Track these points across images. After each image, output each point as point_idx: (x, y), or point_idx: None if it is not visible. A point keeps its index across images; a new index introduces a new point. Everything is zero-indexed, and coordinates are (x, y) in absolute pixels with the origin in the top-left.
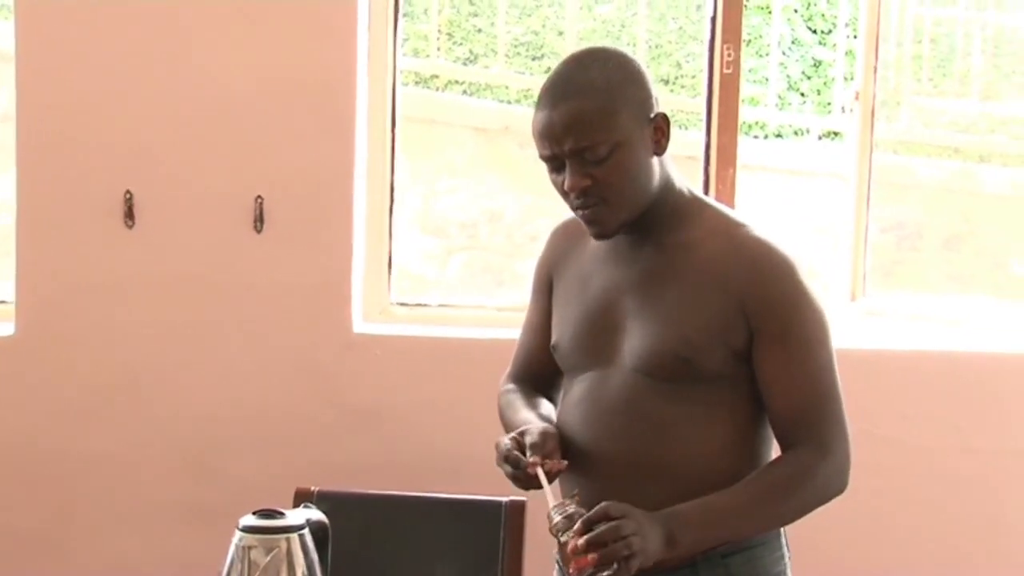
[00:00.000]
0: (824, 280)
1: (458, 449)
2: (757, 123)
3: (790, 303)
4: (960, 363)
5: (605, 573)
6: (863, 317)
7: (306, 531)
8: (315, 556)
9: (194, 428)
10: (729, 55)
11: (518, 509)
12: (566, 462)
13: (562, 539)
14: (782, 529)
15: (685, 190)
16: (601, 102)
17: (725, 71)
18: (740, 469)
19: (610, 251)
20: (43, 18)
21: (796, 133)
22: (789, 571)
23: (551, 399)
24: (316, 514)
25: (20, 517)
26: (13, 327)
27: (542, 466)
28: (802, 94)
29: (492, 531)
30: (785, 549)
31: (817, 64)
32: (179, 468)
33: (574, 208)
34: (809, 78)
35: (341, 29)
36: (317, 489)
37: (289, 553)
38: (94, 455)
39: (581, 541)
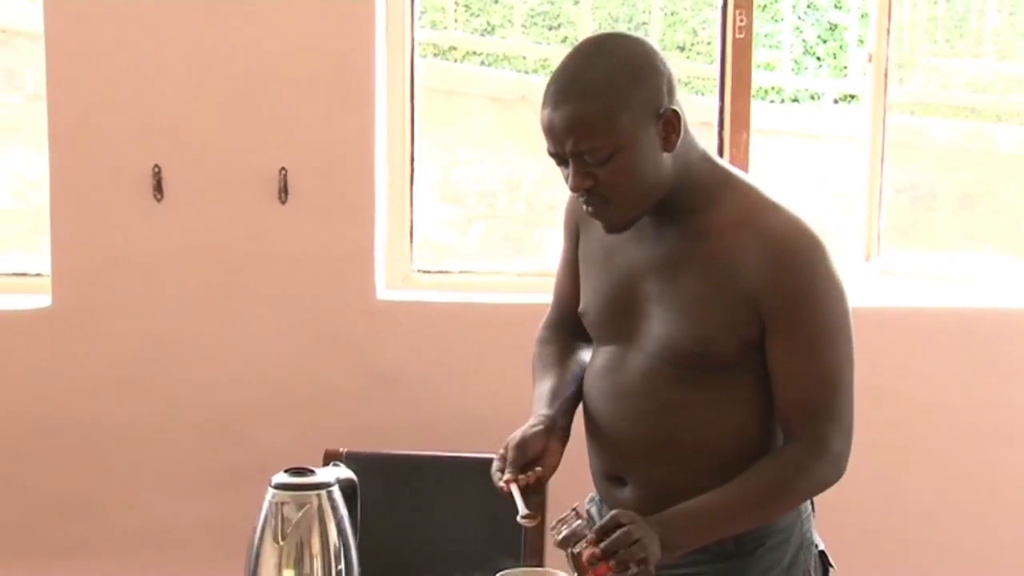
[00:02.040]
0: (839, 241)
1: (479, 411)
2: (774, 88)
3: (802, 298)
4: (970, 319)
5: None
6: (877, 277)
7: (336, 488)
8: (345, 512)
9: (224, 395)
10: (741, 21)
11: (539, 486)
12: (540, 469)
13: (575, 551)
14: None
15: (708, 168)
16: (600, 106)
17: (738, 36)
18: (752, 451)
19: (634, 228)
20: None
21: (813, 97)
22: (809, 526)
23: (588, 339)
24: (345, 472)
25: (58, 481)
26: (50, 299)
27: (516, 482)
28: (818, 58)
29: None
30: (806, 506)
31: (833, 28)
32: (210, 433)
33: (581, 203)
34: (825, 42)
35: (359, 3)
36: (345, 450)
37: (320, 509)
38: (129, 421)
39: (598, 550)
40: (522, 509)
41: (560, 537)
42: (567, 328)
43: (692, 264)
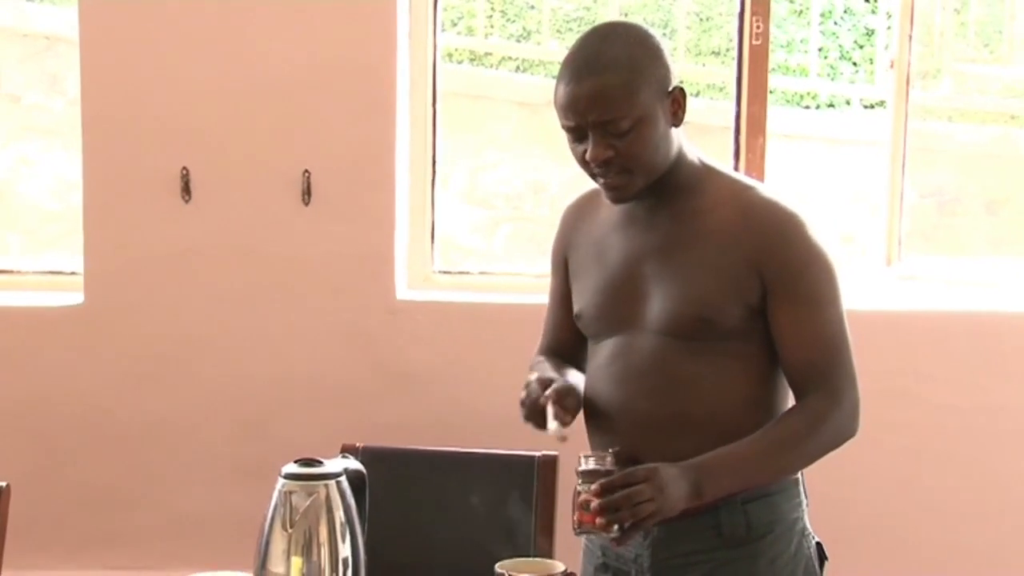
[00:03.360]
0: (861, 246)
1: (495, 408)
2: (809, 93)
3: (799, 259)
4: (986, 323)
5: (604, 535)
6: (897, 281)
7: (343, 478)
8: (352, 501)
9: (248, 390)
10: (758, 27)
11: (550, 464)
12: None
13: (579, 488)
14: (800, 477)
15: (696, 159)
16: (624, 78)
17: (754, 43)
18: (760, 418)
19: (626, 219)
20: (104, 6)
21: (848, 103)
22: (806, 517)
23: (580, 369)
24: (354, 464)
25: (90, 473)
26: (82, 297)
27: (557, 405)
28: (854, 63)
29: (525, 484)
30: (803, 496)
31: (869, 33)
32: (234, 428)
33: (593, 175)
34: (861, 47)
35: (382, 10)
36: (362, 445)
37: (328, 498)
38: (157, 415)
39: (594, 504)
40: (552, 423)
41: (579, 469)
42: (559, 356)
43: (688, 241)
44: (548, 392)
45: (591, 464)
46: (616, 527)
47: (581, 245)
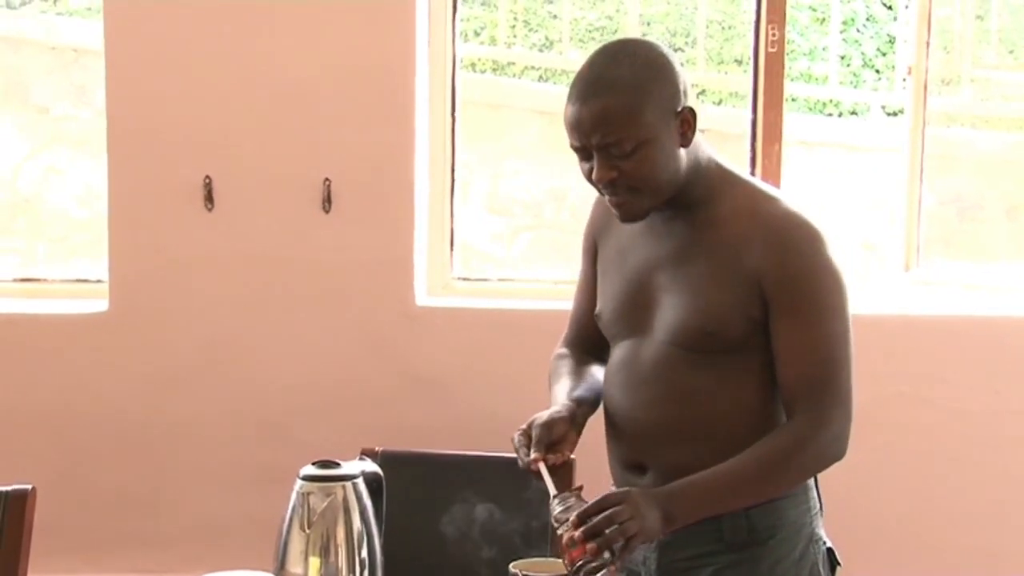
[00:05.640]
0: (881, 252)
1: (513, 413)
2: (831, 101)
3: (802, 277)
4: (1002, 327)
5: (598, 563)
6: (915, 287)
7: (360, 480)
8: (368, 503)
9: (270, 395)
10: (773, 35)
11: (567, 468)
12: (571, 455)
13: (559, 531)
14: (811, 483)
15: (715, 167)
16: (627, 101)
17: (770, 50)
18: (761, 431)
19: (646, 226)
20: (129, 19)
21: (869, 110)
22: (817, 523)
23: (603, 359)
24: (371, 466)
25: (115, 477)
26: (107, 304)
27: (544, 461)
28: (877, 71)
29: (543, 488)
30: (814, 503)
31: (891, 40)
32: (256, 432)
33: (601, 194)
34: (884, 55)
35: (401, 19)
36: (381, 449)
37: (345, 500)
38: (180, 421)
39: (577, 533)
40: (553, 489)
41: (552, 515)
42: (583, 346)
43: (700, 252)
44: (533, 455)
45: (562, 505)
46: (607, 553)
47: (608, 241)
